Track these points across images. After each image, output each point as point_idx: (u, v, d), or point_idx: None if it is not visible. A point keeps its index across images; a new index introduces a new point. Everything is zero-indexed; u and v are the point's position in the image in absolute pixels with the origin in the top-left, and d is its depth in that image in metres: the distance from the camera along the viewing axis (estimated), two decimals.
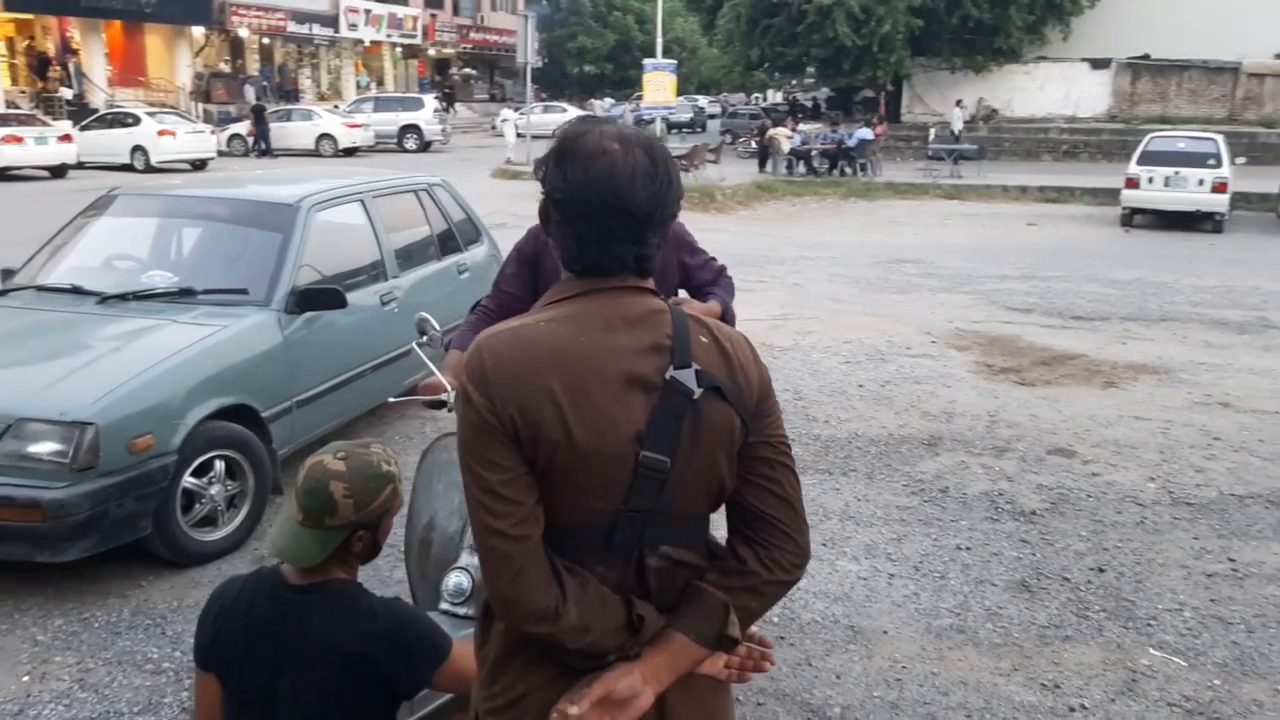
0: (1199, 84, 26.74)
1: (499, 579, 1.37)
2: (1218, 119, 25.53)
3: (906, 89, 29.44)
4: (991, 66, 27.70)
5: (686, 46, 55.31)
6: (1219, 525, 4.52)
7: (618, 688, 1.37)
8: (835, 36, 26.17)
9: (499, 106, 47.63)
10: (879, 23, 25.87)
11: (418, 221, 5.91)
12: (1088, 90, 27.55)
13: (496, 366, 1.37)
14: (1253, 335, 8.36)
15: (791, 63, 29.23)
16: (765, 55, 29.34)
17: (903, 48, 26.83)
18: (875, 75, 27.61)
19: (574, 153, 1.42)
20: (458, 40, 48.46)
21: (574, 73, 58.34)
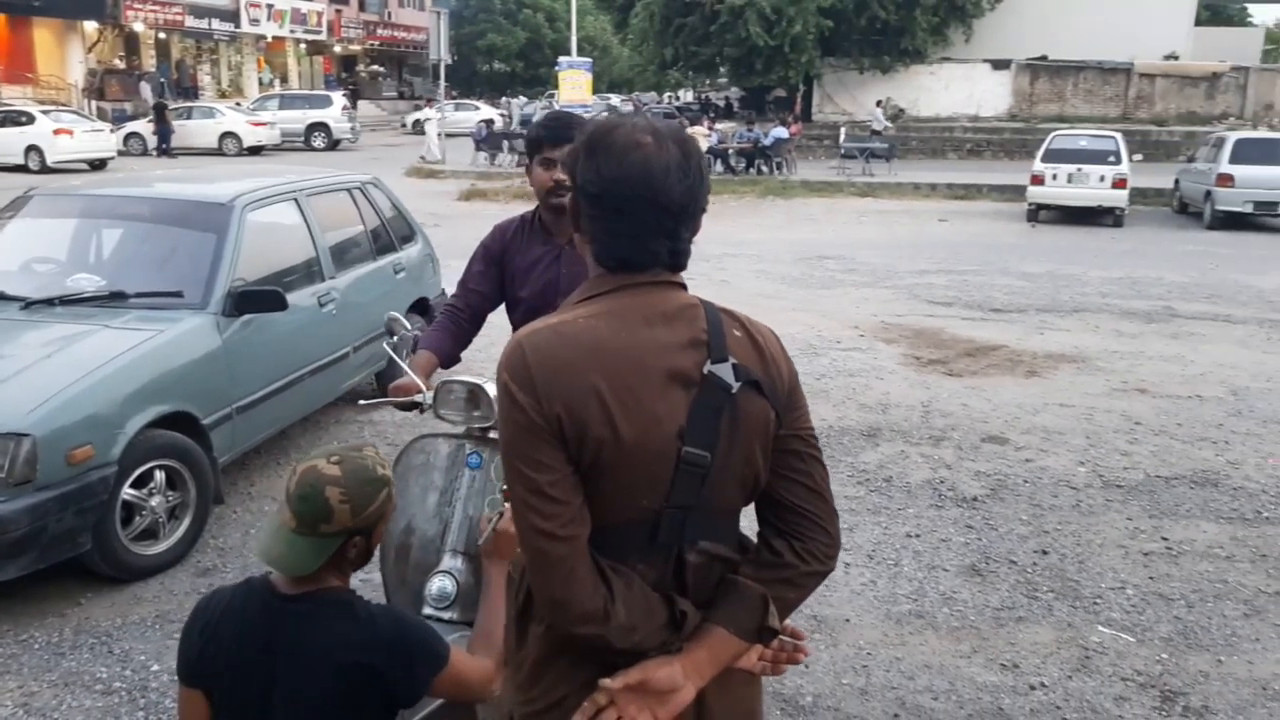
0: (1094, 84, 27.92)
1: (549, 581, 1.35)
2: (1112, 118, 26.70)
3: (817, 89, 29.98)
4: (898, 67, 28.42)
5: (597, 45, 55.36)
6: (1149, 506, 4.72)
7: (656, 676, 1.36)
8: (748, 36, 26.51)
9: (409, 104, 46.95)
10: (790, 23, 26.30)
11: (352, 220, 5.78)
12: (989, 90, 28.50)
13: (540, 364, 1.34)
14: (1160, 324, 8.76)
15: (705, 62, 29.52)
16: (679, 54, 29.53)
17: (813, 48, 27.33)
18: (787, 75, 28.07)
19: (606, 146, 1.40)
20: (364, 36, 47.50)
21: (484, 70, 57.83)
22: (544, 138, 2.77)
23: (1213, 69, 27.14)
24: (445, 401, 2.54)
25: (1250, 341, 8.14)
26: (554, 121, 2.82)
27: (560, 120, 2.83)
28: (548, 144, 2.76)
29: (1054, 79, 28.30)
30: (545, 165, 2.78)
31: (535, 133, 2.81)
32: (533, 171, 2.84)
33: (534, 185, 2.86)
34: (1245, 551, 4.23)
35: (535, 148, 2.80)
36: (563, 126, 2.80)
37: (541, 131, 2.79)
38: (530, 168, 2.86)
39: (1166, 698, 3.16)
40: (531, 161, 2.84)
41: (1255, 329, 8.59)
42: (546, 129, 2.79)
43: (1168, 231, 15.35)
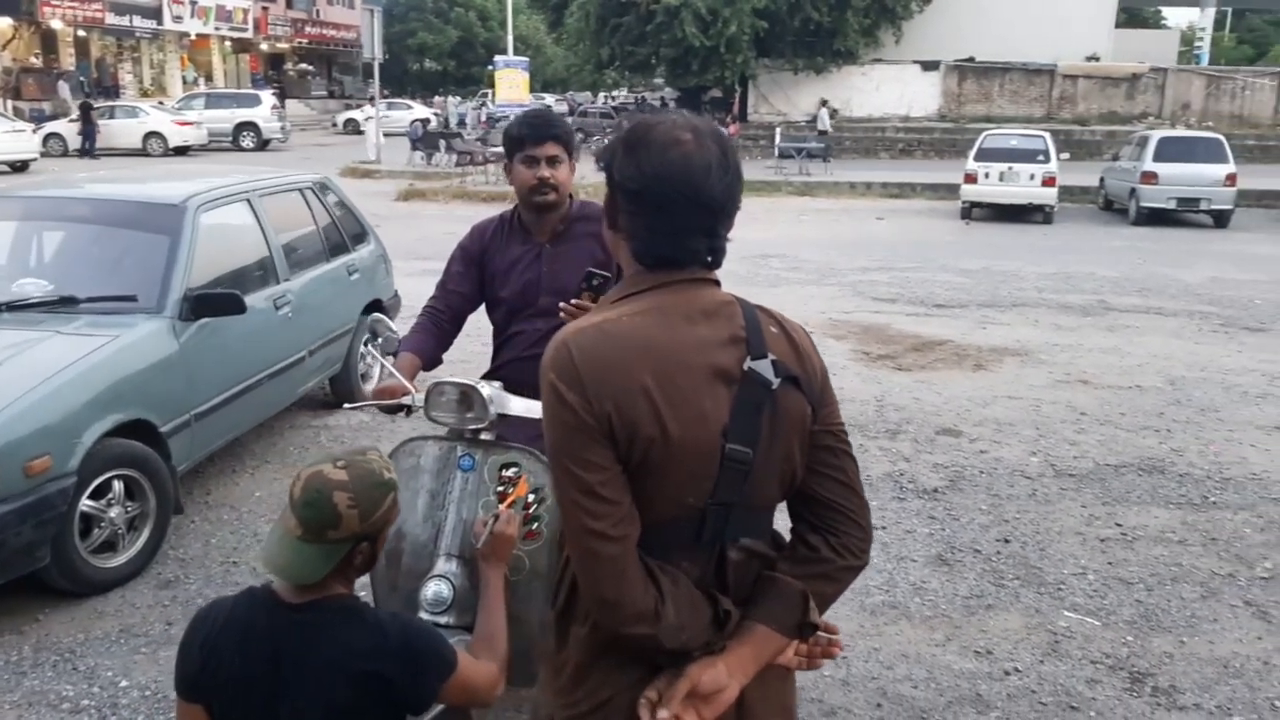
0: (1019, 85, 28.65)
1: (600, 582, 1.34)
2: (1037, 117, 27.42)
3: (752, 89, 30.23)
4: (831, 68, 28.81)
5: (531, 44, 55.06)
6: (1101, 493, 4.87)
7: (703, 680, 1.36)
8: (683, 37, 26.64)
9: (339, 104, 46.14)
10: (725, 24, 26.49)
11: (305, 221, 5.66)
12: (919, 91, 29.04)
13: (588, 363, 1.33)
14: (1096, 318, 9.03)
15: (642, 62, 29.58)
16: (615, 54, 29.55)
17: (748, 49, 27.56)
18: (723, 75, 28.26)
19: (646, 143, 1.39)
20: (292, 34, 46.54)
21: (414, 69, 57.13)
22: (526, 136, 2.75)
23: (1132, 70, 28.06)
24: (437, 404, 2.51)
25: (1182, 333, 8.44)
26: (535, 119, 2.80)
27: (541, 118, 2.81)
28: (530, 142, 2.74)
29: (981, 80, 28.97)
30: (528, 163, 2.75)
31: (516, 131, 2.78)
32: (513, 170, 2.81)
33: (515, 184, 2.83)
34: (1196, 535, 4.39)
35: (517, 145, 2.77)
36: (544, 124, 2.79)
37: (523, 130, 2.76)
38: (510, 166, 2.83)
39: (1135, 679, 3.27)
40: (511, 160, 2.81)
41: (1186, 321, 8.91)
42: (529, 127, 2.76)
43: (1095, 228, 15.83)
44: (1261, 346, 7.93)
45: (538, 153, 2.73)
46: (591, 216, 2.95)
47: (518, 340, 2.91)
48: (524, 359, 2.87)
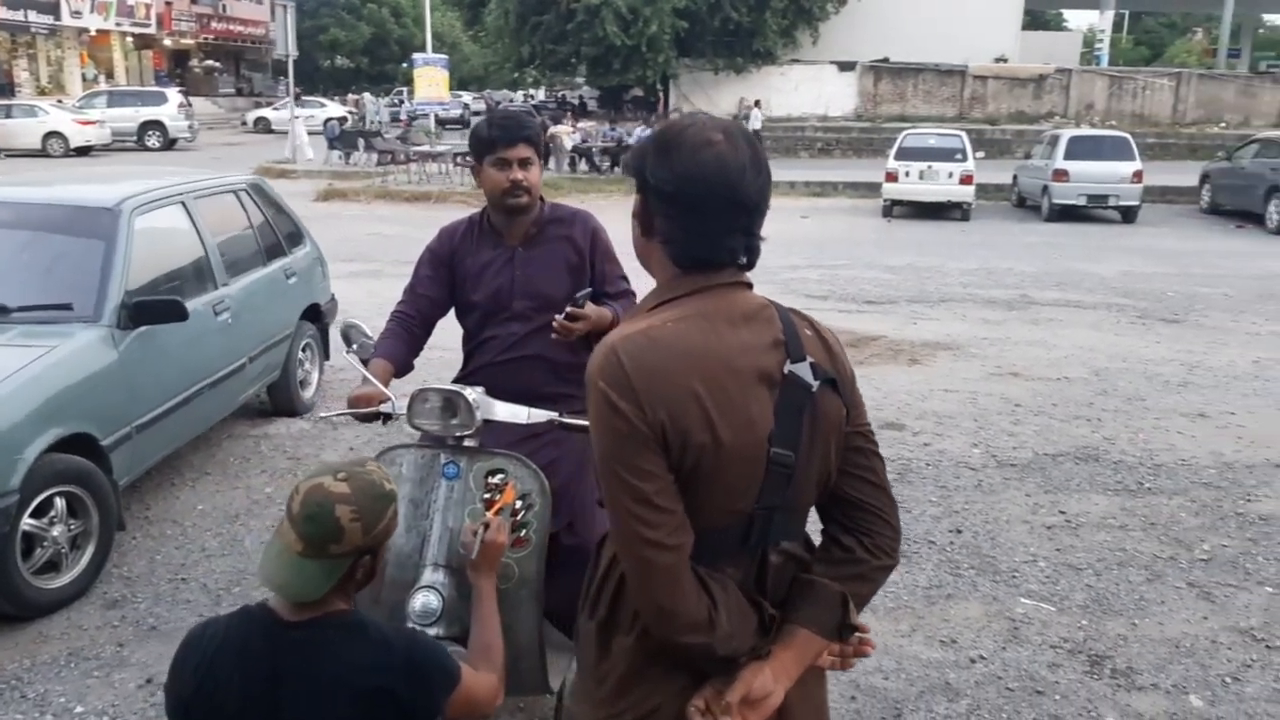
0: (932, 85, 29.40)
1: (657, 591, 1.33)
2: (949, 117, 28.19)
3: (674, 88, 30.41)
4: (751, 68, 29.16)
5: (446, 41, 54.37)
6: (1043, 482, 5.02)
7: (754, 686, 1.36)
8: (605, 36, 26.67)
9: (248, 102, 44.87)
10: (646, 23, 26.61)
11: (240, 224, 5.49)
12: (837, 91, 29.58)
13: (639, 371, 1.31)
14: (1020, 311, 9.32)
15: (563, 60, 29.51)
16: (536, 52, 29.42)
17: (669, 48, 27.72)
18: (644, 74, 28.38)
19: (679, 145, 1.39)
20: (197, 30, 45.08)
21: (326, 66, 55.92)
22: (498, 138, 2.70)
23: (1039, 71, 29.05)
24: (420, 411, 2.45)
25: (1102, 325, 8.77)
26: (506, 121, 2.74)
27: (512, 119, 2.75)
28: (502, 144, 2.69)
29: (896, 80, 29.64)
30: (500, 166, 2.70)
31: (486, 133, 2.71)
32: (483, 173, 2.76)
33: (486, 187, 2.78)
34: (1136, 521, 4.56)
35: (487, 148, 2.72)
36: (516, 126, 2.73)
37: (495, 132, 2.70)
38: (479, 169, 2.78)
39: (1095, 661, 3.38)
40: (480, 163, 2.75)
41: (1104, 313, 9.26)
42: (500, 129, 2.70)
43: (1011, 224, 16.33)
44: (1177, 337, 8.29)
45: (509, 155, 2.69)
46: (563, 219, 2.93)
47: (492, 345, 2.86)
48: (499, 364, 2.84)
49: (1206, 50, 48.86)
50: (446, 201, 18.36)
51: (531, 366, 2.82)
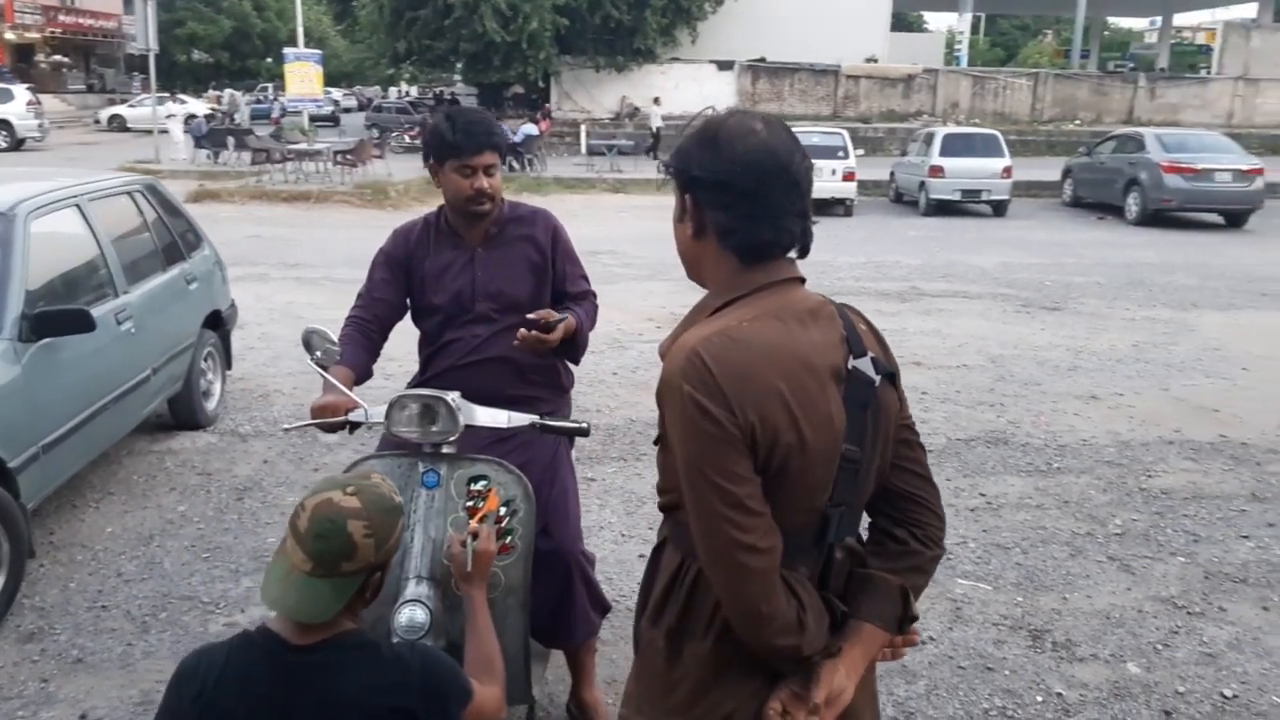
0: (808, 84, 30.16)
1: (752, 595, 1.31)
2: (824, 116, 28.98)
3: (555, 86, 30.29)
4: (632, 66, 29.30)
5: (313, 36, 52.69)
6: (960, 466, 5.22)
7: (834, 684, 1.36)
8: (484, 32, 26.33)
9: (100, 99, 42.40)
10: (526, 20, 26.40)
11: (138, 227, 5.19)
12: (717, 90, 29.99)
13: (725, 373, 1.29)
14: (912, 303, 9.66)
15: (440, 56, 29.00)
16: (412, 48, 28.79)
17: (550, 45, 27.58)
18: (525, 71, 28.14)
19: (726, 135, 1.39)
20: (44, 23, 42.28)
21: (183, 61, 53.44)
22: (463, 145, 2.58)
23: (907, 71, 30.17)
24: (398, 418, 2.36)
25: (990, 314, 9.17)
26: (472, 126, 2.61)
27: (479, 125, 2.63)
28: (468, 152, 2.60)
29: (773, 80, 30.29)
30: (465, 173, 2.61)
31: (452, 139, 2.59)
32: (444, 177, 2.66)
33: (448, 193, 2.69)
34: (1050, 500, 4.78)
35: (450, 153, 2.61)
36: (483, 133, 2.62)
37: (459, 138, 2.58)
38: (438, 171, 2.68)
39: (1035, 636, 3.53)
40: (441, 166, 2.66)
41: (991, 303, 9.69)
42: (466, 136, 2.58)
43: (891, 219, 16.91)
44: (1060, 324, 8.74)
45: (475, 162, 2.61)
46: (524, 218, 2.87)
47: (454, 348, 2.78)
48: (463, 367, 2.76)
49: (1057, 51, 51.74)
50: (327, 202, 17.82)
51: (497, 369, 2.76)
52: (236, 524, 4.38)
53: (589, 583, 2.76)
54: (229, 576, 3.89)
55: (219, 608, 3.64)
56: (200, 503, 4.62)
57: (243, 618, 3.56)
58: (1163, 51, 42.72)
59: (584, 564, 2.75)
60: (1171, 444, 5.60)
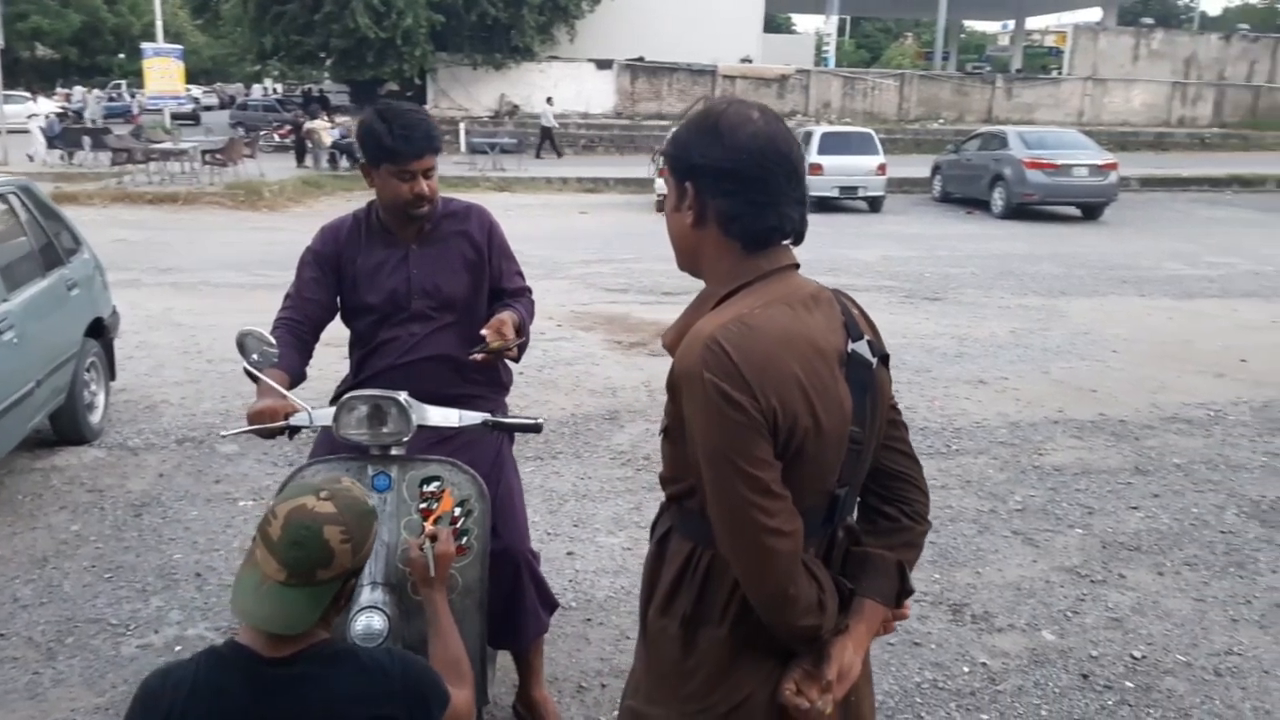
0: (685, 84, 30.52)
1: (779, 578, 1.33)
2: None
3: (431, 83, 29.75)
4: (510, 64, 29.06)
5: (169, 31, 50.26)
6: None
7: (844, 662, 1.40)
8: (356, 27, 25.68)
9: None
10: (400, 16, 25.86)
11: (13, 231, 4.87)
12: (596, 89, 30.07)
13: (746, 360, 1.30)
14: None
15: (309, 53, 28.11)
16: (279, 44, 27.80)
17: (426, 42, 27.08)
18: (400, 68, 27.56)
19: (726, 123, 1.41)
20: None
21: (27, 57, 50.19)
22: (402, 150, 2.50)
23: (781, 72, 30.88)
24: (347, 421, 2.28)
25: (876, 305, 9.47)
26: (412, 130, 2.51)
27: (419, 129, 2.53)
28: (408, 156, 2.52)
29: (651, 79, 30.54)
30: (404, 177, 2.53)
31: (391, 143, 2.50)
32: (381, 180, 2.57)
33: (385, 196, 2.61)
34: (953, 480, 4.99)
35: (388, 157, 2.52)
36: (424, 138, 2.54)
37: (398, 144, 2.49)
38: (372, 172, 2.60)
39: (956, 610, 3.68)
40: (377, 168, 2.57)
41: (877, 295, 10.02)
42: (406, 141, 2.49)
43: None
44: (943, 313, 9.12)
45: (415, 167, 2.53)
46: (457, 214, 2.82)
47: (390, 348, 2.71)
48: (400, 367, 2.69)
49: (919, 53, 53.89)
50: (197, 203, 17.08)
51: (435, 368, 2.70)
52: (137, 541, 4.16)
53: (538, 581, 2.73)
54: (136, 596, 3.69)
55: (130, 629, 3.45)
56: (95, 521, 4.36)
57: (158, 639, 3.39)
58: (1016, 53, 45.02)
59: (532, 562, 2.73)
60: (1057, 423, 5.92)
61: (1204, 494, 4.81)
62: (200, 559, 4.00)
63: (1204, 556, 4.12)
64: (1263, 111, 34.11)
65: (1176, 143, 31.27)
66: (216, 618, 3.53)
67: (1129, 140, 29.33)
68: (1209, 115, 33.87)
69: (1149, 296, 10.11)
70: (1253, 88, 34.62)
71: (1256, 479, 5.01)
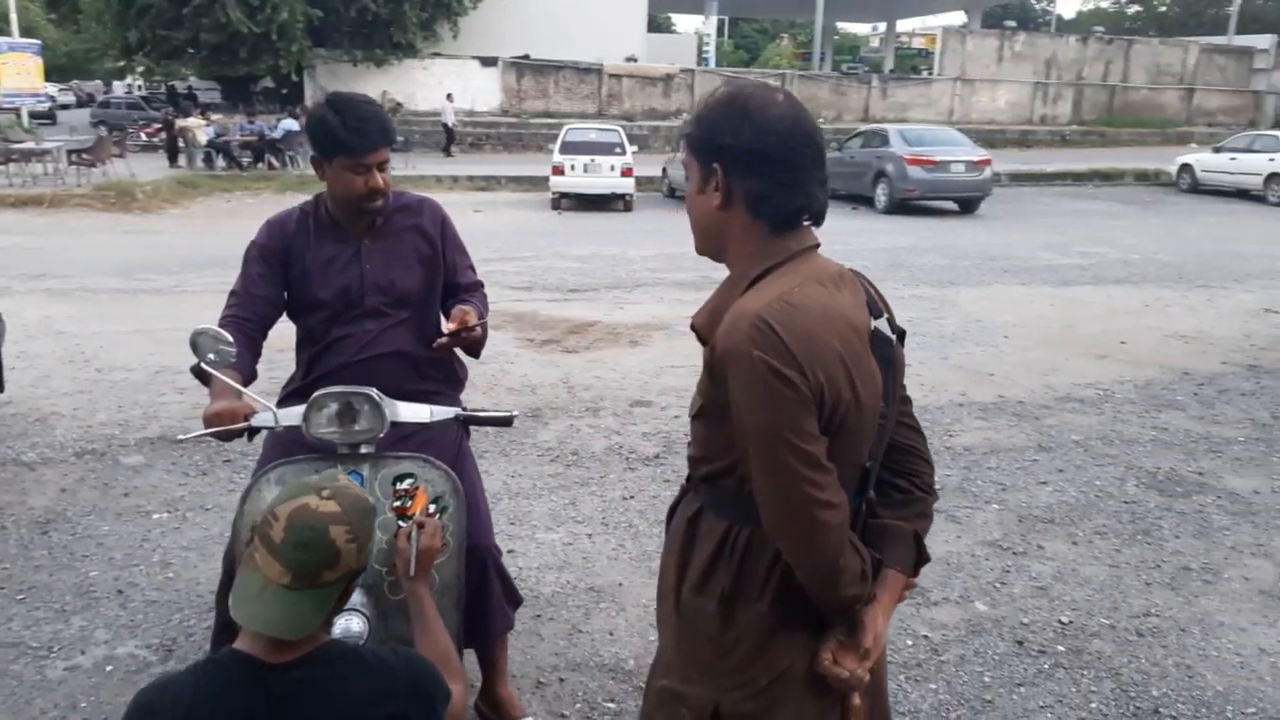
0: (572, 82, 30.47)
1: (830, 550, 1.36)
2: (590, 113, 29.40)
3: (309, 80, 28.86)
4: (392, 60, 28.45)
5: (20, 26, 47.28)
6: None
7: (877, 629, 1.44)
8: (228, 22, 24.71)
9: None
10: (275, 10, 25.00)
11: None
12: (482, 86, 29.72)
13: (793, 337, 1.32)
14: (707, 291, 9.67)
15: (178, 48, 26.85)
16: (145, 39, 26.50)
17: (303, 37, 26.27)
18: (276, 64, 26.66)
19: (754, 104, 1.44)
20: None
21: None
22: (357, 144, 2.43)
23: (666, 71, 31.15)
24: (317, 419, 2.21)
25: None
26: (364, 122, 2.44)
27: (373, 121, 2.46)
28: (363, 150, 2.46)
29: (538, 77, 30.37)
30: (358, 171, 2.46)
31: (345, 136, 2.42)
32: (333, 173, 2.49)
33: (337, 190, 2.54)
34: None
35: (342, 150, 2.45)
36: (379, 130, 2.47)
37: (352, 137, 2.43)
38: (323, 165, 2.52)
39: None
40: (329, 161, 2.49)
41: None
42: (359, 134, 2.43)
43: (667, 213, 17.43)
44: None
45: (370, 160, 2.47)
46: (409, 207, 2.77)
47: (345, 345, 2.64)
48: (355, 364, 2.63)
49: (795, 54, 55.18)
50: (65, 206, 16.17)
51: (391, 364, 2.65)
52: (48, 560, 3.93)
53: (503, 576, 2.71)
54: (56, 617, 3.48)
55: (53, 652, 3.26)
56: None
57: (85, 660, 3.21)
58: (888, 55, 46.62)
59: (497, 557, 2.71)
60: (962, 406, 6.18)
61: (1104, 467, 5.11)
62: (120, 575, 3.81)
63: (1112, 525, 4.37)
64: (1118, 109, 36.26)
65: (1039, 140, 32.94)
66: (147, 634, 3.37)
67: (996, 138, 30.71)
68: (1069, 113, 35.79)
69: (1030, 285, 10.64)
70: (1108, 87, 36.74)
71: (1149, 452, 5.35)
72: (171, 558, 3.97)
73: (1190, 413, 6.07)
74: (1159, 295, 10.04)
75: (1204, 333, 8.29)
